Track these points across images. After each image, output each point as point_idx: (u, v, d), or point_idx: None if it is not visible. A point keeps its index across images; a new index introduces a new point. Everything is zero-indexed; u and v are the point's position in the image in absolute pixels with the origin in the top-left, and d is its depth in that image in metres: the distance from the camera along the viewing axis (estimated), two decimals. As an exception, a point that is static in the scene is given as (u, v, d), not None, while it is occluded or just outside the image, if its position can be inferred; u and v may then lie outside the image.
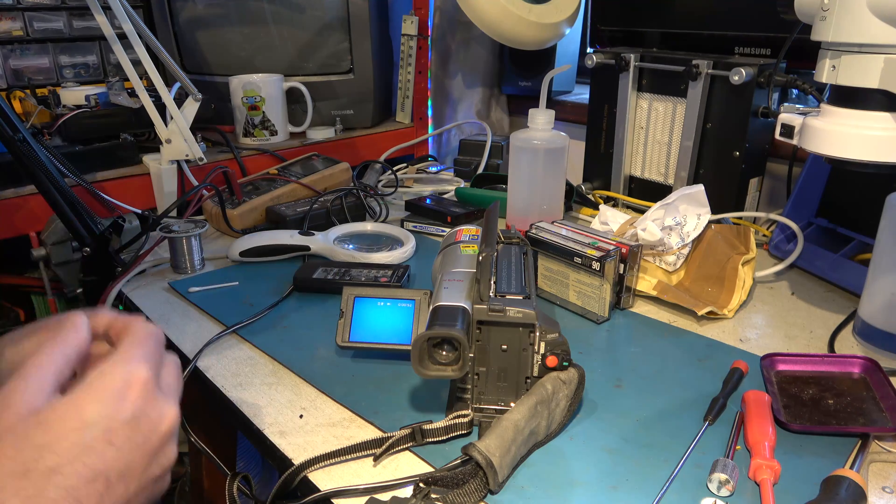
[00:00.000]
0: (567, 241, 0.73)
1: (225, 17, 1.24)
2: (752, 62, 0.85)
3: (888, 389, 0.56)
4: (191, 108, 0.98)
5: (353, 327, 0.62)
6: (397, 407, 0.57)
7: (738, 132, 0.88)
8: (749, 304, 0.76)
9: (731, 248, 0.78)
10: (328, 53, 1.26)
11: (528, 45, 1.15)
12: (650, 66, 0.97)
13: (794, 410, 0.55)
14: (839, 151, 0.60)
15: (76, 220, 0.79)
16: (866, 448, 0.51)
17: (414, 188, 1.20)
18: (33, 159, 0.75)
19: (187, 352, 0.67)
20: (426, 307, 0.62)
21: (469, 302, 0.51)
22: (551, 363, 0.51)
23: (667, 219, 0.77)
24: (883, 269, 0.64)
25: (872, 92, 0.57)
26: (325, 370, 0.63)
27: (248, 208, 0.96)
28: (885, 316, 0.64)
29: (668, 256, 0.78)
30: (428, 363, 0.48)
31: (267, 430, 0.55)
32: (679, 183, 0.96)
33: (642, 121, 1.01)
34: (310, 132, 1.26)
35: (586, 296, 0.72)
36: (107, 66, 1.39)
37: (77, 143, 1.02)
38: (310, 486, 0.49)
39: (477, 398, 0.54)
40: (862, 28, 0.55)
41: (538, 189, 0.87)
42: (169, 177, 1.01)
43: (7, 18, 1.26)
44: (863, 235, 0.81)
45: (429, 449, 0.52)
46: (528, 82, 1.32)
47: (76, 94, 1.13)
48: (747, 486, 0.47)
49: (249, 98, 1.17)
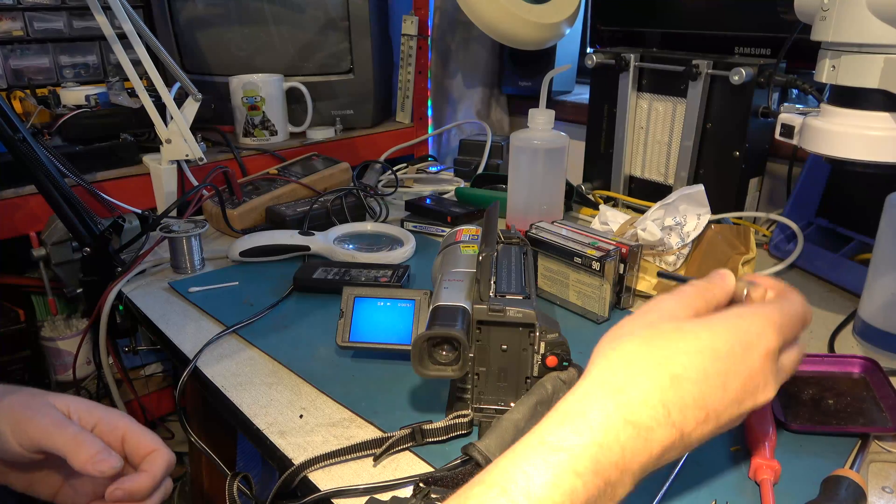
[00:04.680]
0: (567, 241, 0.73)
1: (225, 17, 1.24)
2: (752, 62, 0.85)
3: (888, 389, 0.56)
4: (191, 108, 0.98)
5: (353, 327, 0.62)
6: (397, 407, 0.57)
7: (738, 132, 0.88)
8: (749, 304, 0.76)
9: (731, 248, 0.78)
10: (328, 53, 1.26)
11: (528, 45, 1.15)
12: (650, 66, 0.97)
13: (794, 410, 0.55)
14: (839, 151, 0.60)
15: (76, 220, 0.79)
16: (866, 448, 0.51)
17: (414, 188, 1.20)
18: (33, 159, 0.76)
19: (187, 352, 0.67)
20: (426, 307, 0.62)
21: (469, 302, 0.51)
22: (551, 363, 0.51)
23: (667, 219, 0.77)
24: (883, 269, 0.64)
25: (872, 92, 0.57)
26: (325, 370, 0.63)
27: (248, 208, 0.96)
28: (885, 316, 0.64)
29: (668, 256, 0.78)
30: (428, 363, 0.48)
31: (267, 430, 0.55)
32: (679, 183, 0.96)
33: (642, 121, 1.01)
34: (310, 132, 1.26)
35: (586, 296, 0.72)
36: (107, 66, 1.39)
37: (77, 143, 1.02)
38: (310, 486, 0.49)
39: (477, 398, 0.54)
40: (862, 28, 0.55)
41: (538, 189, 0.87)
42: (169, 177, 1.01)
43: (7, 18, 1.26)
44: (863, 235, 0.81)
45: (429, 449, 0.52)
46: (528, 82, 1.32)
47: (76, 94, 1.13)
48: (747, 486, 0.47)
49: (249, 98, 1.17)
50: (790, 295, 0.40)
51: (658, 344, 0.34)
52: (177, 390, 0.65)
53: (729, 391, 0.34)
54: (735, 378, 0.34)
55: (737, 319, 0.36)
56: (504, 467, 0.31)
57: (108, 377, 1.18)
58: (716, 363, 0.34)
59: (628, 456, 0.31)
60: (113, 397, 1.18)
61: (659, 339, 0.35)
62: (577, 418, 0.31)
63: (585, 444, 0.30)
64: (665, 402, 0.32)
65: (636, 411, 0.32)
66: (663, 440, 0.32)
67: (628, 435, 0.31)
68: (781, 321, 0.37)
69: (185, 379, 0.65)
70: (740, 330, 0.35)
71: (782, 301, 0.39)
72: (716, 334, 0.35)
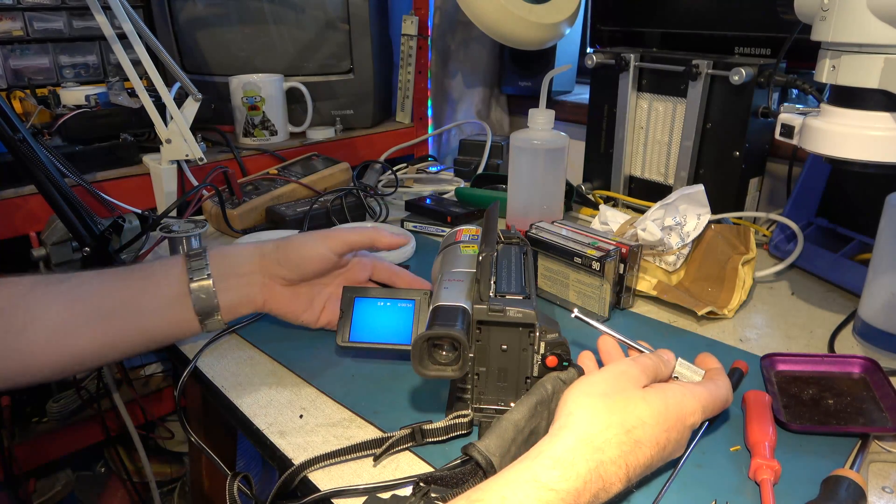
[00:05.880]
0: (567, 241, 0.73)
1: (225, 17, 1.24)
2: (752, 62, 0.85)
3: (888, 389, 0.56)
4: (191, 108, 0.98)
5: (353, 327, 0.62)
6: (397, 407, 0.57)
7: (738, 132, 0.88)
8: (749, 304, 0.76)
9: (731, 248, 0.78)
10: (328, 53, 1.26)
11: (528, 45, 1.15)
12: (650, 66, 0.97)
13: (794, 410, 0.55)
14: (839, 151, 0.60)
15: (76, 220, 0.79)
16: (866, 448, 0.51)
17: (414, 188, 1.20)
18: (33, 159, 0.75)
19: (187, 352, 0.67)
20: (426, 307, 0.62)
21: (469, 302, 0.51)
22: (551, 363, 0.51)
23: (667, 219, 0.77)
24: (883, 269, 0.64)
25: (872, 92, 0.57)
26: (325, 370, 0.63)
27: (248, 208, 0.96)
28: (885, 316, 0.64)
29: (668, 256, 0.78)
30: (428, 363, 0.48)
31: (267, 430, 0.55)
32: (679, 183, 0.96)
33: (642, 121, 1.01)
34: (310, 132, 1.26)
35: (586, 296, 0.72)
36: (107, 66, 1.39)
37: (77, 143, 1.02)
38: (310, 486, 0.49)
39: (477, 398, 0.54)
40: (862, 28, 0.55)
41: (538, 189, 0.87)
42: (169, 177, 1.01)
43: (7, 18, 1.26)
44: (863, 235, 0.81)
45: (429, 449, 0.52)
46: (528, 82, 1.32)
47: (76, 94, 1.13)
48: (747, 486, 0.47)
49: (249, 98, 1.17)
50: (719, 380, 0.51)
51: (629, 411, 0.44)
52: (177, 390, 0.65)
53: (665, 452, 0.45)
54: (670, 443, 0.45)
55: (681, 397, 0.46)
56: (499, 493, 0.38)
57: (108, 377, 1.18)
58: (664, 433, 0.44)
59: (594, 501, 0.40)
60: (113, 397, 1.18)
61: (629, 405, 0.44)
62: (567, 467, 0.40)
63: (569, 490, 0.39)
64: (627, 463, 0.42)
65: (609, 470, 0.41)
66: (617, 490, 0.42)
67: (599, 486, 0.40)
68: (707, 403, 0.48)
69: (185, 379, 0.65)
70: (682, 407, 0.46)
71: (713, 385, 0.49)
72: (668, 408, 0.45)
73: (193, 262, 0.60)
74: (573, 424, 0.42)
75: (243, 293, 0.62)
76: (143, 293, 0.59)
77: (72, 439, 1.21)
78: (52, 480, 1.30)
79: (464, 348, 0.47)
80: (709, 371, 0.52)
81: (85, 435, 1.23)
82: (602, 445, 0.41)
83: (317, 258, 0.63)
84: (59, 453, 1.22)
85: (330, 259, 0.64)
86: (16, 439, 1.15)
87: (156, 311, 0.59)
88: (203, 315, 0.60)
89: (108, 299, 0.58)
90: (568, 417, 0.43)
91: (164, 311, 0.59)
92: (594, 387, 0.45)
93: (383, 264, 0.71)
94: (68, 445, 1.22)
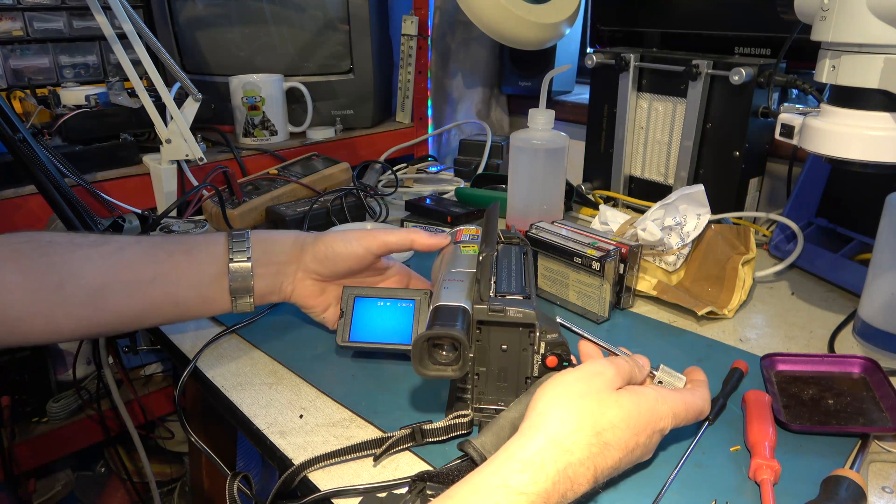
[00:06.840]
0: (567, 241, 0.73)
1: (225, 17, 1.24)
2: (752, 62, 0.85)
3: (888, 389, 0.56)
4: (191, 108, 0.98)
5: (353, 327, 0.62)
6: (397, 407, 0.57)
7: (738, 132, 0.88)
8: (749, 304, 0.76)
9: (731, 248, 0.78)
10: (328, 53, 1.26)
11: (528, 45, 1.15)
12: (650, 66, 0.97)
13: (794, 410, 0.55)
14: (839, 151, 0.60)
15: (76, 220, 0.79)
16: (866, 448, 0.51)
17: (414, 188, 1.20)
18: (33, 159, 0.76)
19: (187, 352, 0.67)
20: (426, 307, 0.62)
21: (469, 302, 0.51)
22: (551, 363, 0.51)
23: (667, 219, 0.77)
24: (883, 269, 0.64)
25: (872, 92, 0.57)
26: (325, 370, 0.63)
27: (248, 208, 0.96)
28: (885, 316, 0.64)
29: (668, 256, 0.78)
30: (428, 363, 0.48)
31: (267, 430, 0.55)
32: (679, 183, 0.96)
33: (642, 121, 1.01)
34: (310, 132, 1.26)
35: (586, 296, 0.72)
36: (107, 66, 1.39)
37: (77, 143, 1.02)
38: (310, 486, 0.49)
39: (477, 398, 0.54)
40: (862, 28, 0.55)
41: (538, 189, 0.87)
42: (169, 177, 1.01)
43: (7, 18, 1.26)
44: (863, 235, 0.81)
45: (429, 449, 0.52)
46: (528, 82, 1.32)
47: (76, 94, 1.13)
48: (747, 486, 0.47)
49: (249, 98, 1.17)
50: (697, 391, 0.50)
51: (601, 413, 0.44)
52: (177, 390, 0.65)
53: (633, 455, 0.45)
54: (638, 447, 0.45)
55: (653, 402, 0.46)
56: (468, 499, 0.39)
57: (108, 377, 1.18)
58: (634, 437, 0.44)
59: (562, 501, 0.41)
60: (113, 397, 1.18)
61: (601, 407, 0.44)
62: (537, 469, 0.40)
63: (539, 492, 0.39)
64: (595, 465, 0.42)
65: (577, 471, 0.41)
66: (584, 490, 0.42)
67: (567, 487, 0.41)
68: (679, 411, 0.47)
69: (185, 379, 0.65)
70: (654, 413, 0.46)
71: (688, 395, 0.49)
72: (640, 413, 0.45)
73: (235, 242, 0.60)
74: (544, 425, 0.42)
75: (276, 281, 0.62)
76: (183, 267, 0.59)
77: (72, 439, 1.21)
78: (52, 480, 1.30)
79: (464, 348, 0.47)
80: (691, 381, 0.52)
81: (85, 435, 1.23)
82: (571, 447, 0.41)
83: (351, 257, 0.63)
84: (59, 453, 1.22)
85: (364, 258, 0.63)
86: (16, 439, 1.15)
87: (193, 287, 0.59)
88: (236, 296, 0.60)
89: (148, 269, 0.58)
90: (539, 417, 0.43)
91: (201, 287, 0.59)
92: (568, 387, 0.45)
93: (420, 278, 0.70)
94: (68, 445, 1.22)
